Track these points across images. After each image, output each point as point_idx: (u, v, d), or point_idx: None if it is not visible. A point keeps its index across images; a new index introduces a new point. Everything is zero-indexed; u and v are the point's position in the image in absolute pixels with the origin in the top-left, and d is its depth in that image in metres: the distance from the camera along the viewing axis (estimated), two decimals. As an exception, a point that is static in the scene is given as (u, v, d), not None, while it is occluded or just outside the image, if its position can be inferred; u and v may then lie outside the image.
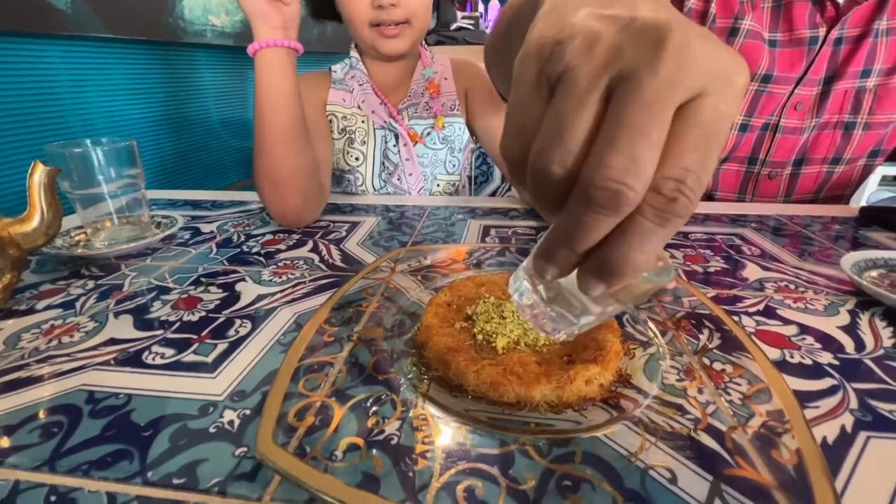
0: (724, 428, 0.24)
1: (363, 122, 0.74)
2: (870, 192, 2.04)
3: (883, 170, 2.14)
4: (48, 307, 0.39)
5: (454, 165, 0.79)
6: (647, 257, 0.16)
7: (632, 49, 0.15)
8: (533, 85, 0.17)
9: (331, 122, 0.74)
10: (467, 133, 0.79)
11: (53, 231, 0.40)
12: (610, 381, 0.27)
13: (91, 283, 0.43)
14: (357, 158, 0.75)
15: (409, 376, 0.28)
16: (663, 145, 0.15)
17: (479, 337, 0.30)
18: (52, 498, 0.21)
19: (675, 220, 0.15)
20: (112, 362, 0.31)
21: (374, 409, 0.26)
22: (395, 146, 0.75)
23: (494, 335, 0.30)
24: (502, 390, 0.25)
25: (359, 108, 0.74)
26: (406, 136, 0.74)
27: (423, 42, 0.78)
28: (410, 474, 0.22)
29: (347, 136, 0.74)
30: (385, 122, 0.74)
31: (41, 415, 0.26)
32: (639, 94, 0.14)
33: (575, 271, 0.19)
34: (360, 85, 0.74)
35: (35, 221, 0.39)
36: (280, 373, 0.27)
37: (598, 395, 0.26)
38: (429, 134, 0.76)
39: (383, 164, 0.76)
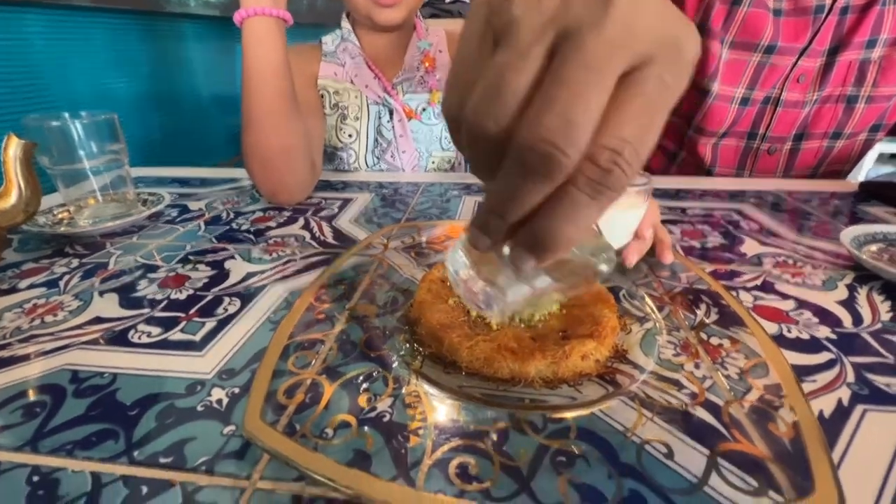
0: (721, 402, 0.24)
1: (356, 97, 0.72)
2: (867, 170, 2.03)
3: (881, 147, 2.12)
4: (31, 286, 0.38)
5: (450, 141, 0.77)
6: (578, 230, 0.16)
7: (579, 5, 0.14)
8: (479, 37, 0.16)
9: (322, 97, 0.72)
10: None
11: (33, 208, 0.39)
12: (606, 357, 0.27)
13: (75, 262, 0.42)
14: (350, 135, 0.73)
15: (402, 353, 0.28)
16: (603, 112, 0.14)
17: (473, 313, 0.29)
18: (35, 478, 0.21)
19: (607, 193, 0.15)
20: (99, 341, 0.30)
21: (366, 386, 0.25)
22: (388, 122, 0.72)
23: (489, 311, 0.29)
24: (496, 366, 0.25)
25: (352, 82, 0.72)
26: (401, 112, 0.72)
27: (418, 13, 0.75)
28: (402, 451, 0.21)
29: (340, 111, 0.72)
30: (379, 97, 0.72)
31: (24, 394, 0.26)
32: (581, 52, 0.14)
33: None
34: (352, 58, 0.72)
35: (13, 198, 0.38)
36: (269, 350, 0.27)
37: (594, 370, 0.26)
38: (424, 109, 0.73)
39: (377, 140, 0.74)
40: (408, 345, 0.29)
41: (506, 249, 0.18)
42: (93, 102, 0.80)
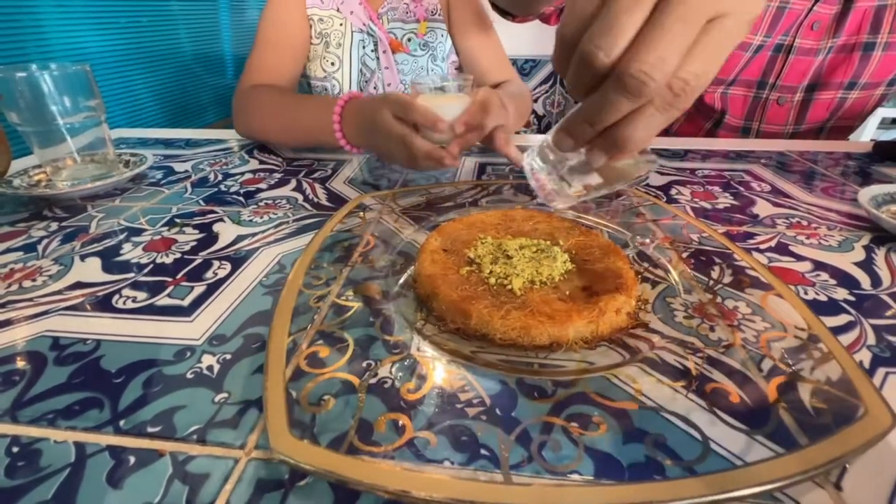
0: (740, 365, 0.23)
1: (341, 24, 0.69)
2: (869, 136, 2.00)
3: (884, 112, 2.08)
4: (7, 250, 0.35)
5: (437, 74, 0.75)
6: (648, 137, 0.21)
7: None
8: None
9: (310, 27, 0.69)
10: (450, 42, 0.75)
11: (2, 167, 0.36)
12: (634, 308, 0.25)
13: (54, 225, 0.39)
14: (332, 63, 0.71)
15: (417, 326, 0.26)
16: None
17: (492, 280, 0.27)
18: (15, 449, 0.20)
19: (674, 111, 0.20)
20: (80, 307, 0.29)
21: (370, 362, 0.24)
22: (373, 52, 0.71)
23: (508, 276, 0.27)
24: (534, 333, 0.23)
25: (337, 10, 0.69)
26: (385, 43, 0.70)
27: None
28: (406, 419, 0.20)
29: (324, 39, 0.70)
30: (364, 24, 0.69)
31: (0, 362, 0.24)
32: (681, 7, 0.17)
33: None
34: None
35: (-21, 156, 0.35)
36: (271, 350, 0.23)
37: (628, 324, 0.25)
38: (409, 40, 0.72)
39: (361, 70, 0.72)
40: (427, 324, 0.26)
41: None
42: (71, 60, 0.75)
